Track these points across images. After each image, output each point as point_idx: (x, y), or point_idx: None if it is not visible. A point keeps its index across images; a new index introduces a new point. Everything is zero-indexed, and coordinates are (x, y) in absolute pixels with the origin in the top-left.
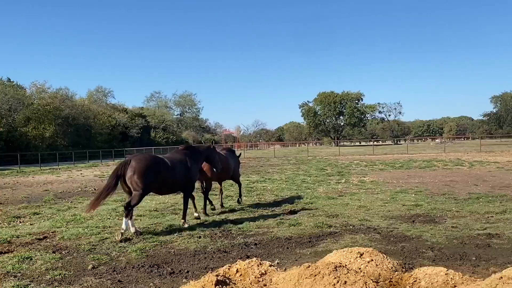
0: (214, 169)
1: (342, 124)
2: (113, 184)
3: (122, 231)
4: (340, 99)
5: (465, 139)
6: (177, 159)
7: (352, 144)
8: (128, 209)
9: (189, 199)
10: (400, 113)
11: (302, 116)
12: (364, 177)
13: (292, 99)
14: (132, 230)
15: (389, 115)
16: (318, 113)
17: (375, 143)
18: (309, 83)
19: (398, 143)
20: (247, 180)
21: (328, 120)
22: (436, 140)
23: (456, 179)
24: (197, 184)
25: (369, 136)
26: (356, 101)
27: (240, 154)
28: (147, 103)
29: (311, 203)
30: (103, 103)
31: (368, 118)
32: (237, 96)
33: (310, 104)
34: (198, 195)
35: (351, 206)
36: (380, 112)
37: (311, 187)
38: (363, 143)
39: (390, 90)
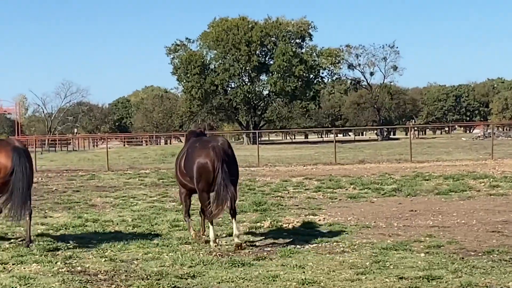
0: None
1: (266, 93)
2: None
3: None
4: (262, 35)
5: None
6: None
7: (289, 139)
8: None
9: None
10: (395, 69)
11: (173, 73)
12: (315, 214)
13: (153, 39)
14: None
15: (372, 74)
16: (211, 65)
17: (339, 136)
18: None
19: (391, 136)
20: (45, 223)
21: (233, 83)
22: (476, 131)
23: None
24: None
25: (326, 121)
26: (299, 40)
27: None
28: None
29: (195, 275)
30: None
31: (325, 80)
32: (22, 30)
33: (193, 46)
34: None
35: (284, 282)
36: (351, 66)
37: (195, 239)
38: (312, 138)
39: (372, 23)
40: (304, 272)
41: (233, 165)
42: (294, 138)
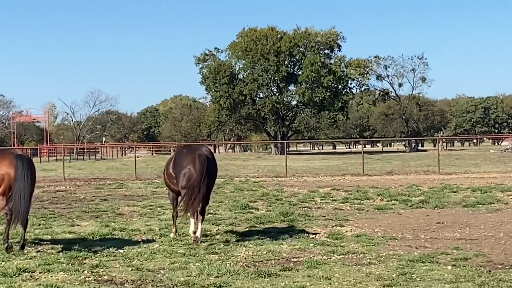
0: None
1: (294, 103)
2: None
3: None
4: (290, 45)
5: None
6: None
7: (317, 149)
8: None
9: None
10: (424, 81)
11: (202, 82)
12: (342, 226)
13: (182, 48)
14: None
15: (401, 85)
16: (240, 75)
17: (367, 147)
18: (217, 21)
19: (420, 148)
20: (73, 231)
21: (262, 94)
22: (504, 143)
23: None
24: None
25: (354, 132)
26: (328, 51)
27: None
28: None
29: (221, 285)
30: None
31: (354, 91)
32: (55, 41)
33: (222, 56)
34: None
35: None
36: (379, 77)
37: (221, 248)
38: (340, 148)
39: (401, 34)
40: (330, 283)
41: (214, 173)
42: (322, 149)
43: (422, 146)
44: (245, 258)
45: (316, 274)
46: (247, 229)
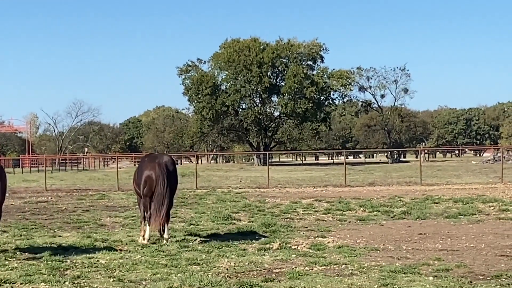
0: None
1: (277, 114)
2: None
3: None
4: (273, 56)
5: None
6: None
7: (299, 160)
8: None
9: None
10: (406, 92)
11: (185, 93)
12: (324, 236)
13: (163, 60)
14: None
15: (383, 97)
16: (222, 86)
17: (350, 158)
18: (205, 31)
19: (402, 159)
20: (54, 242)
21: (244, 105)
22: (486, 155)
23: None
24: None
25: (337, 143)
26: (310, 62)
27: None
28: None
29: None
30: None
31: (336, 102)
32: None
33: (204, 67)
34: None
35: None
36: (361, 88)
37: (203, 259)
38: (322, 159)
39: (384, 46)
40: None
41: (173, 179)
42: (305, 160)
43: (405, 157)
44: (227, 269)
45: (298, 285)
46: (229, 240)
